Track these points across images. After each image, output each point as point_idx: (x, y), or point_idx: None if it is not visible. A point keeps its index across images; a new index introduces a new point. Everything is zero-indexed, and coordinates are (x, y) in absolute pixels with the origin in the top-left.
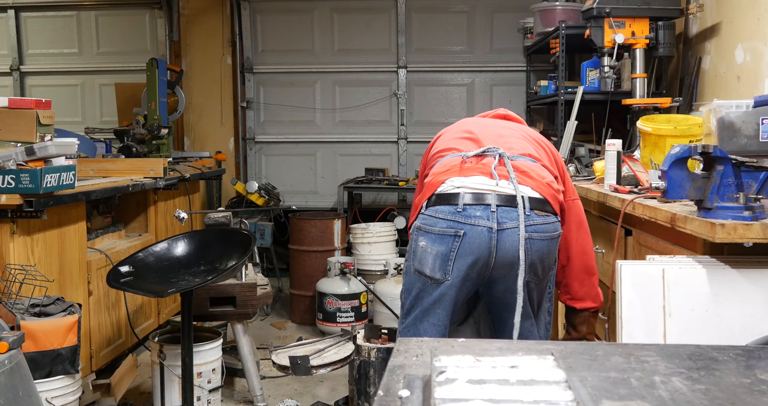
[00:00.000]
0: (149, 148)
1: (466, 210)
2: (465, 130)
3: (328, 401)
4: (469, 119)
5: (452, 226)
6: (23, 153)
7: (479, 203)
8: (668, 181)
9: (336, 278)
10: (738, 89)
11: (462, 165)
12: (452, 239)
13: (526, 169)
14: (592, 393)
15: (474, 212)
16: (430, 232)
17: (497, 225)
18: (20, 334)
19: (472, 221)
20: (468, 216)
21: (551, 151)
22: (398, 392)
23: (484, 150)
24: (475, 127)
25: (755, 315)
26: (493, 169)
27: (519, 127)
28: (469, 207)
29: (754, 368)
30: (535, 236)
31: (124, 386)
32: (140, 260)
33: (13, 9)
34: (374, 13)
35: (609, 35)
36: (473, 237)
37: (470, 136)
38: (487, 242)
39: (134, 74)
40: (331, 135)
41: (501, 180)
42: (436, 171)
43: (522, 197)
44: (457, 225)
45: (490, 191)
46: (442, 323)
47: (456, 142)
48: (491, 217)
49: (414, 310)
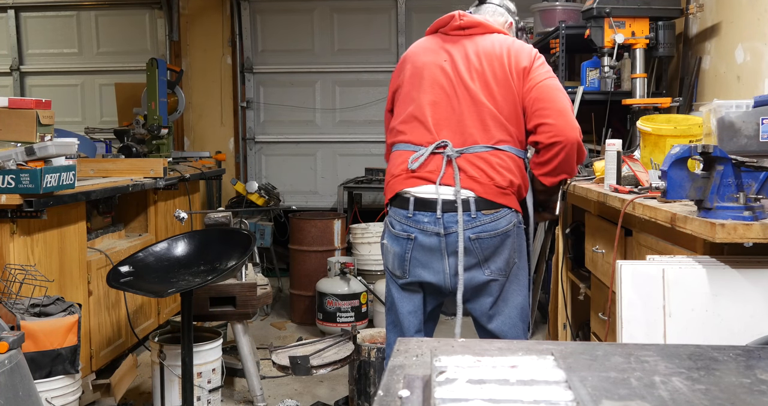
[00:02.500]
0: (149, 148)
1: (416, 215)
2: (420, 109)
3: (328, 401)
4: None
5: (405, 229)
6: (23, 153)
7: (426, 210)
8: (668, 181)
9: (336, 278)
10: (738, 89)
11: (409, 174)
12: (406, 242)
13: (476, 169)
14: (592, 393)
15: (422, 218)
16: (389, 232)
17: (444, 230)
18: (20, 334)
19: (420, 226)
20: (417, 221)
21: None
22: (398, 392)
23: (434, 149)
24: (430, 105)
25: (755, 315)
26: (438, 181)
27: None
28: (418, 213)
29: (754, 368)
30: (483, 236)
31: (124, 386)
32: (140, 260)
33: (13, 9)
34: (374, 13)
35: (609, 35)
36: (423, 241)
37: (424, 122)
38: (437, 245)
39: (134, 74)
40: (331, 135)
41: (445, 187)
42: (392, 169)
43: (468, 200)
44: (409, 229)
45: (436, 198)
46: (419, 311)
47: (411, 125)
48: (437, 222)
49: (391, 303)
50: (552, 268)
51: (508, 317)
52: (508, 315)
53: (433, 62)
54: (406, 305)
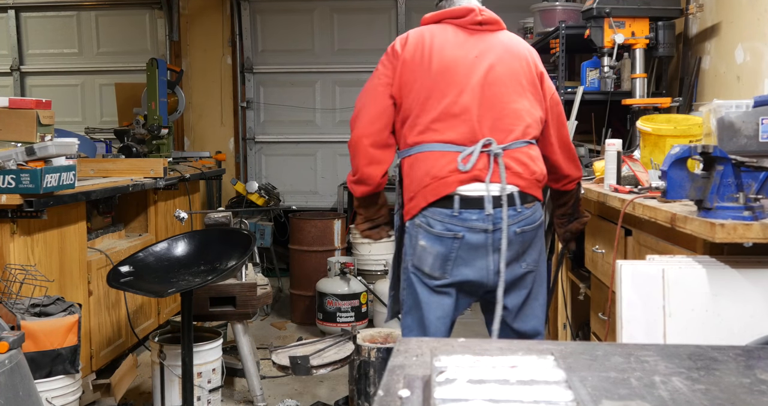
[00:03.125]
0: (149, 148)
1: (462, 214)
2: (458, 106)
3: (328, 401)
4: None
5: (450, 228)
6: (23, 153)
7: (474, 207)
8: (668, 181)
9: (336, 278)
10: (738, 89)
11: (458, 174)
12: (451, 241)
13: (519, 164)
14: (592, 393)
15: (470, 216)
16: (427, 232)
17: (492, 226)
18: (20, 334)
19: (468, 224)
20: (464, 219)
21: (535, 73)
22: (398, 392)
23: (482, 147)
24: (469, 102)
25: (755, 315)
26: (488, 179)
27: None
28: (464, 211)
29: (754, 368)
30: (527, 229)
31: (124, 386)
32: (140, 260)
33: (13, 9)
34: (374, 13)
35: (609, 35)
36: (470, 239)
37: (463, 118)
38: (483, 242)
39: (134, 74)
40: (331, 135)
41: (492, 184)
42: (433, 171)
43: (513, 194)
44: (455, 228)
45: (482, 195)
46: (448, 317)
47: (449, 123)
48: (487, 219)
49: (416, 306)
50: (551, 268)
51: (534, 308)
52: (534, 307)
53: (464, 57)
54: (435, 310)
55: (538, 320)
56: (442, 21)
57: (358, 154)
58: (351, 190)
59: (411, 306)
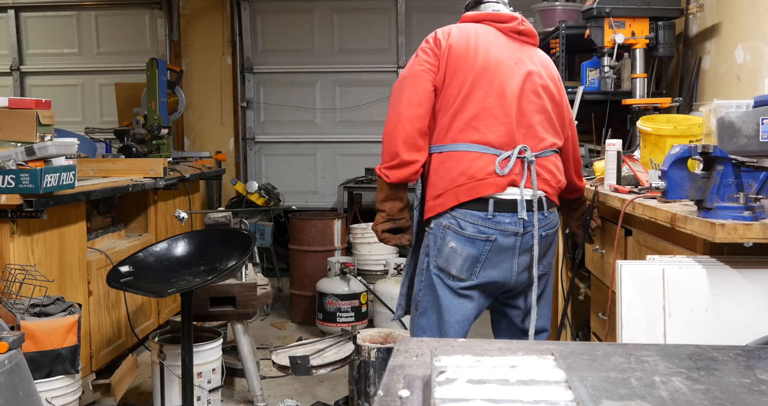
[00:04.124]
0: (149, 148)
1: (496, 217)
2: (499, 108)
3: (328, 401)
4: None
5: (482, 231)
6: (23, 153)
7: (506, 211)
8: (668, 181)
9: (336, 278)
10: (738, 89)
11: (495, 177)
12: (483, 243)
13: (547, 172)
14: (592, 393)
15: (503, 219)
16: (458, 234)
17: (523, 229)
18: (20, 334)
19: (501, 226)
20: (498, 222)
21: (561, 94)
22: (398, 392)
23: (518, 153)
24: (509, 105)
25: (755, 315)
26: (522, 184)
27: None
28: (498, 214)
29: (754, 368)
30: (549, 233)
31: (124, 386)
32: (140, 260)
33: (13, 9)
34: (374, 13)
35: (609, 35)
36: (501, 242)
37: (503, 121)
38: (512, 245)
39: (134, 74)
40: (331, 135)
41: (526, 189)
42: (469, 171)
43: (542, 200)
44: (487, 230)
45: (515, 199)
46: (468, 321)
47: (488, 123)
48: (518, 223)
49: (435, 308)
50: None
51: (542, 307)
52: (543, 306)
53: (508, 61)
54: (456, 313)
55: (545, 319)
56: (484, 21)
57: (397, 139)
58: (384, 177)
59: (427, 307)
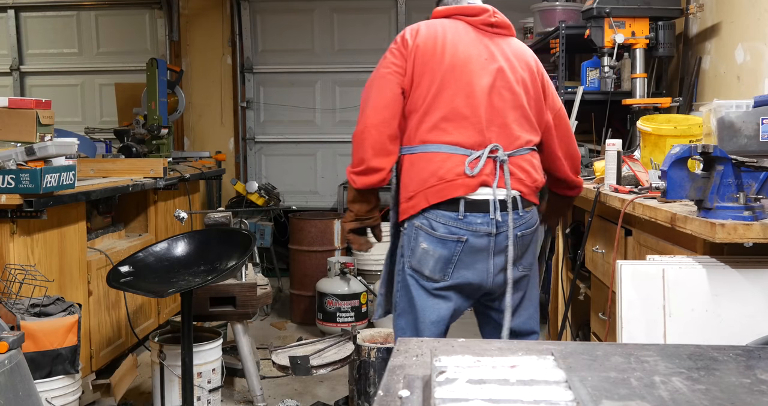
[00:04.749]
0: (149, 148)
1: (467, 217)
2: (468, 107)
3: (328, 401)
4: (473, 81)
5: (453, 231)
6: (23, 153)
7: (478, 211)
8: (668, 181)
9: (336, 278)
10: (738, 89)
11: (465, 178)
12: (455, 244)
13: (522, 171)
14: (592, 393)
15: (475, 219)
16: (430, 235)
17: (496, 230)
18: (20, 334)
19: (473, 227)
20: (469, 223)
21: (542, 83)
22: (398, 392)
23: (489, 152)
24: (478, 104)
25: (755, 315)
26: (495, 184)
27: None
28: (470, 214)
29: (754, 368)
30: (526, 233)
31: (124, 386)
32: (140, 260)
33: (13, 9)
34: (374, 13)
35: (609, 35)
36: (474, 242)
37: (472, 121)
38: (486, 245)
39: (134, 74)
40: (331, 135)
41: (499, 189)
42: (439, 172)
43: (516, 199)
44: (459, 231)
45: (487, 199)
46: (444, 321)
47: (457, 124)
48: (491, 223)
49: (410, 308)
50: (552, 268)
51: (528, 309)
52: (528, 307)
53: (477, 57)
54: (431, 314)
55: (533, 320)
56: (453, 16)
57: (365, 144)
58: (351, 181)
59: (405, 308)
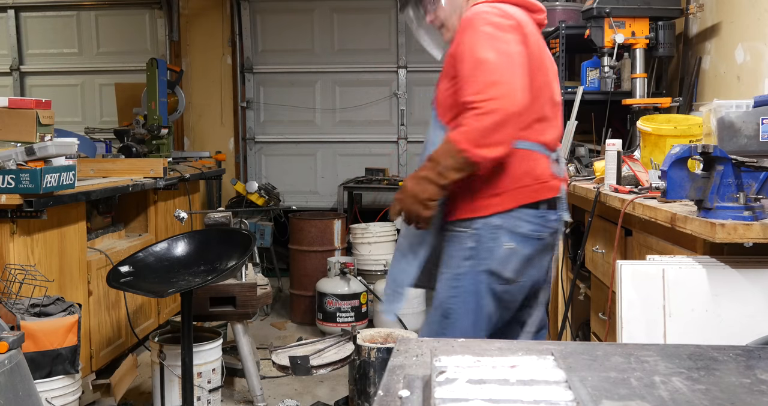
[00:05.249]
0: (149, 148)
1: (546, 214)
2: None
3: (328, 401)
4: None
5: (536, 230)
6: (23, 153)
7: (551, 208)
8: (668, 181)
9: (336, 278)
10: (738, 89)
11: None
12: (536, 242)
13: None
14: (592, 393)
15: (550, 216)
16: (517, 234)
17: (558, 225)
18: (20, 334)
19: (548, 224)
20: (547, 220)
21: None
22: (398, 392)
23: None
24: (558, 109)
25: (755, 315)
26: (563, 188)
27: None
28: (547, 212)
29: (754, 368)
30: None
31: (124, 386)
32: (140, 260)
33: (13, 9)
34: (374, 13)
35: (609, 35)
36: (547, 239)
37: (555, 125)
38: (552, 242)
39: (134, 74)
40: (331, 135)
41: None
42: (535, 172)
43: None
44: (540, 229)
45: (558, 195)
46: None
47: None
48: (559, 220)
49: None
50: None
51: (546, 304)
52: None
53: (548, 56)
54: (489, 322)
55: (546, 314)
56: (521, 6)
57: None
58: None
59: (462, 315)
